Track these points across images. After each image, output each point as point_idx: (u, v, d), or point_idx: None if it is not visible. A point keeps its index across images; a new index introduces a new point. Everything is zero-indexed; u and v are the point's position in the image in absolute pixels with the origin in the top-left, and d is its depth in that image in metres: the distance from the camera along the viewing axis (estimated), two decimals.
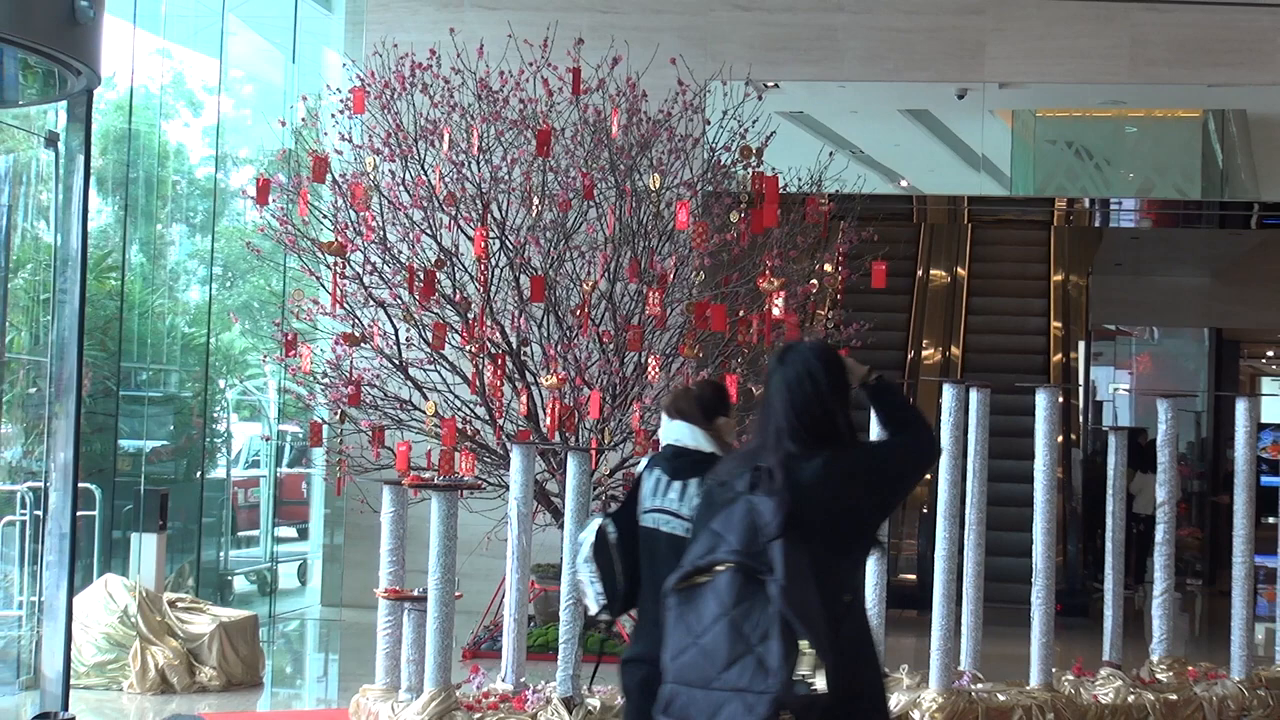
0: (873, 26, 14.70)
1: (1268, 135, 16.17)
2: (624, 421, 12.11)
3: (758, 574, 4.50)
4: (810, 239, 12.91)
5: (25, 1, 4.59)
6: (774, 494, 4.62)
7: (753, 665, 4.43)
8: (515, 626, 9.75)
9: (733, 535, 4.60)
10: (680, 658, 4.64)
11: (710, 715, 4.50)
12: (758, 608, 4.48)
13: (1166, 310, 23.65)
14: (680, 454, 6.47)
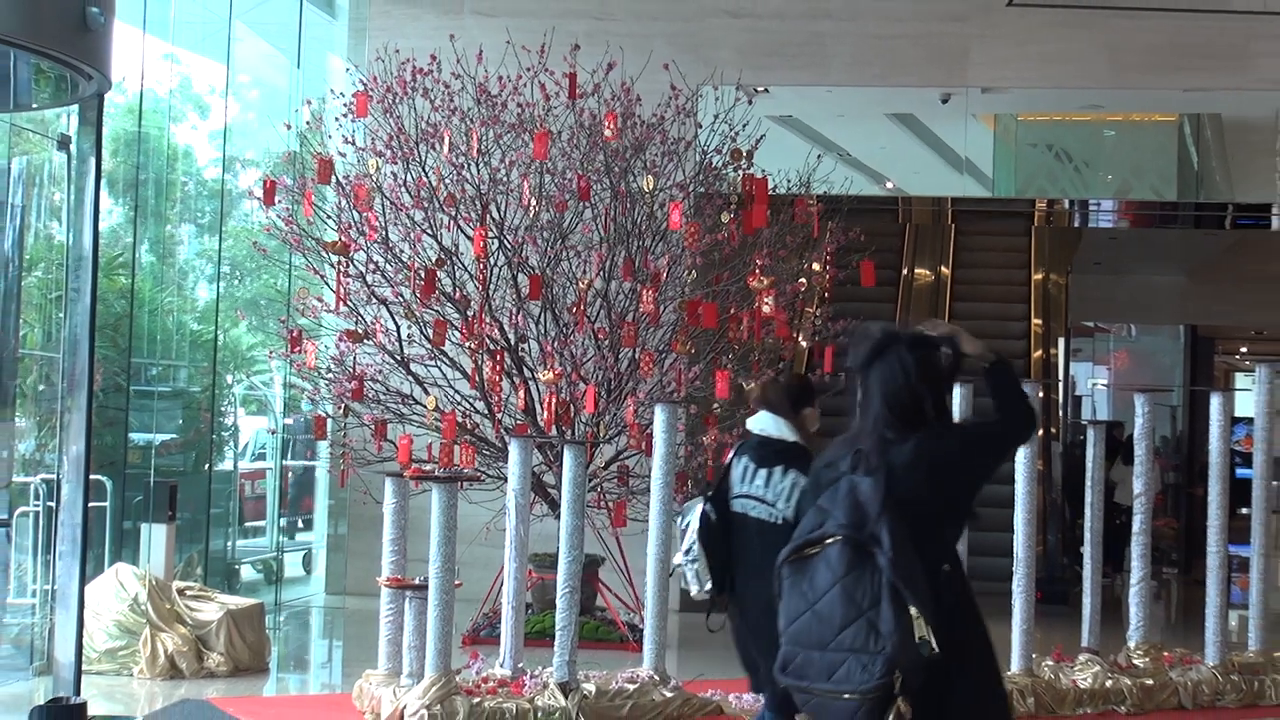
0: (859, 33, 14.70)
1: (1241, 138, 16.18)
2: (618, 415, 12.12)
3: (865, 546, 4.73)
4: (799, 239, 12.92)
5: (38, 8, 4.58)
6: (872, 473, 4.87)
7: (865, 629, 4.65)
8: (513, 614, 9.75)
9: (839, 511, 4.84)
10: (795, 623, 4.84)
11: (828, 675, 4.71)
12: (867, 576, 4.70)
13: (1143, 308, 23.66)
14: (765, 443, 6.86)
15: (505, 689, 9.31)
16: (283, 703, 10.51)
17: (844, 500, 4.88)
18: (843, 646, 4.71)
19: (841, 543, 4.78)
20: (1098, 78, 14.65)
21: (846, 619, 4.71)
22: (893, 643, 4.60)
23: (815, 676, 4.77)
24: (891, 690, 4.61)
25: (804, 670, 4.81)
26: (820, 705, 4.83)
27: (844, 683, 4.68)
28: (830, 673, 4.72)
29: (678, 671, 10.23)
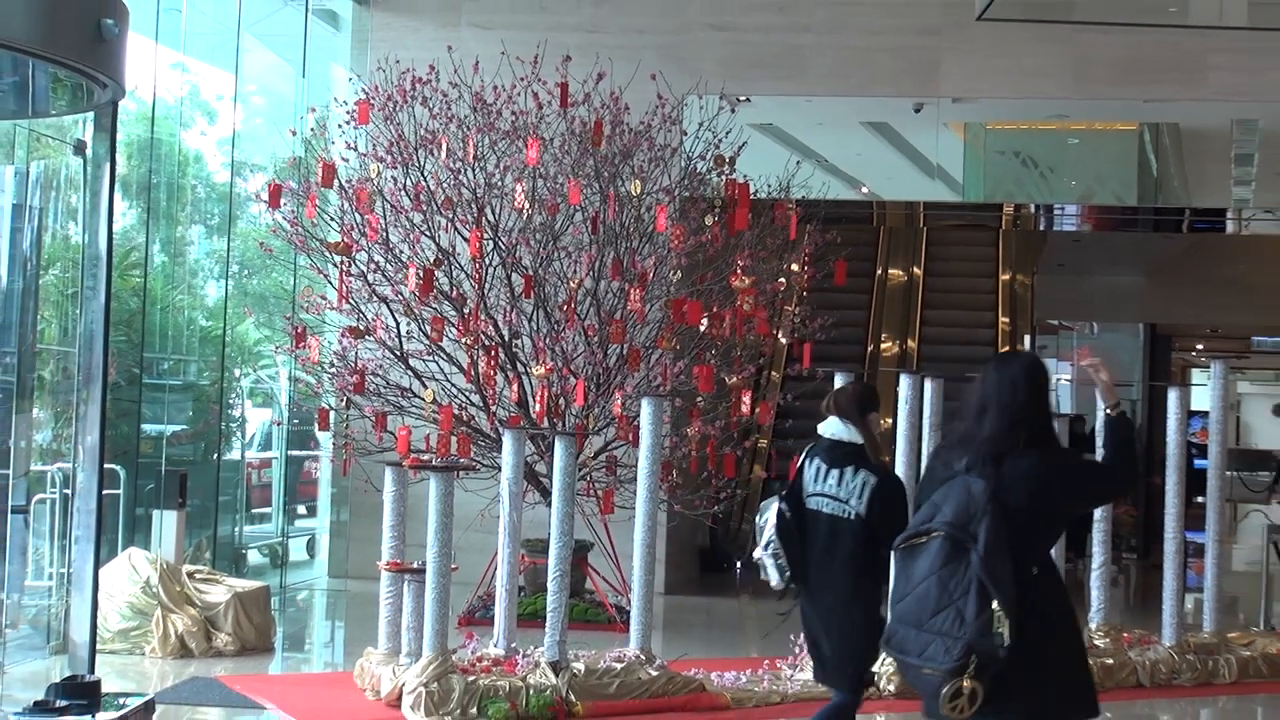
0: (837, 45, 14.71)
1: (1198, 146, 16.22)
2: (607, 408, 12.12)
3: (963, 544, 5.09)
4: (778, 241, 12.93)
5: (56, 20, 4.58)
6: (986, 477, 5.19)
7: (954, 615, 5.05)
8: (507, 596, 9.75)
9: (948, 507, 5.19)
10: (900, 602, 5.26)
11: (919, 652, 5.13)
12: (961, 570, 5.08)
13: (1105, 307, 23.71)
14: (836, 445, 7.13)
15: (499, 668, 9.32)
16: (287, 681, 10.51)
17: (955, 498, 5.22)
18: (933, 628, 5.09)
19: (943, 538, 5.15)
20: (1062, 89, 14.67)
21: (939, 605, 5.09)
22: (973, 631, 4.97)
23: (911, 651, 5.17)
24: (964, 670, 4.97)
25: (903, 645, 5.21)
26: (915, 676, 5.34)
27: (930, 660, 5.07)
28: (922, 650, 5.12)
29: (663, 651, 10.24)
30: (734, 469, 12.84)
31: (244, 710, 9.34)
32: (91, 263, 5.01)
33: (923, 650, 5.14)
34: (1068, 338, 25.51)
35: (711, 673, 10.05)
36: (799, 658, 10.57)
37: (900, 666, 5.57)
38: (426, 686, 8.89)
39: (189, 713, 9.27)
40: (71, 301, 10.80)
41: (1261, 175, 16.33)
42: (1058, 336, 25.16)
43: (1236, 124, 15.74)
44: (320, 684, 10.31)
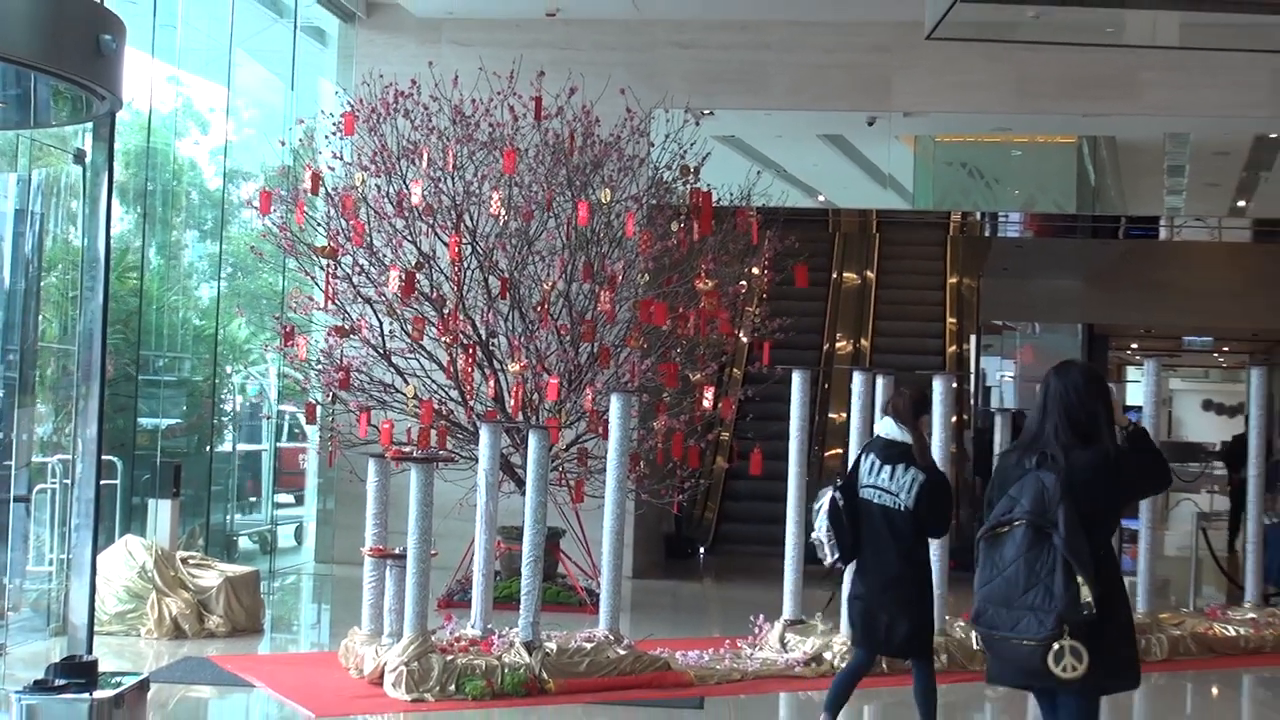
0: (796, 63, 14.75)
1: (1133, 158, 16.31)
2: (578, 403, 12.12)
3: (1044, 529, 5.51)
4: (740, 246, 12.95)
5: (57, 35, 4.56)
6: (1056, 471, 5.59)
7: (1043, 592, 5.49)
8: (483, 580, 9.76)
9: (1026, 499, 5.59)
10: (988, 585, 5.66)
11: (1011, 626, 5.56)
12: (1045, 552, 5.51)
13: (1046, 309, 23.82)
14: (891, 445, 7.60)
15: (475, 647, 9.32)
16: (276, 660, 10.48)
17: (1030, 490, 5.60)
18: (1024, 605, 5.53)
19: (1026, 525, 5.56)
20: (1006, 104, 14.74)
21: (1028, 584, 5.52)
22: (1062, 603, 5.41)
23: (1002, 626, 5.60)
24: (1057, 631, 5.44)
25: (993, 621, 5.64)
26: (1004, 647, 5.68)
27: (1023, 632, 5.51)
28: (1014, 624, 5.55)
29: (630, 632, 10.25)
30: (698, 460, 12.86)
31: (234, 688, 9.33)
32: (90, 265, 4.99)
33: (1014, 624, 5.56)
34: (1011, 337, 25.63)
35: (676, 652, 10.06)
36: (758, 638, 10.60)
37: (988, 641, 5.87)
38: (407, 665, 8.89)
39: (182, 691, 9.25)
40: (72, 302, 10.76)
41: (1192, 185, 16.43)
42: (1001, 336, 25.27)
43: (1169, 137, 15.83)
44: (307, 663, 10.28)
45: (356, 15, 14.96)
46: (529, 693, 8.99)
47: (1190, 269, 21.95)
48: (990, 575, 5.69)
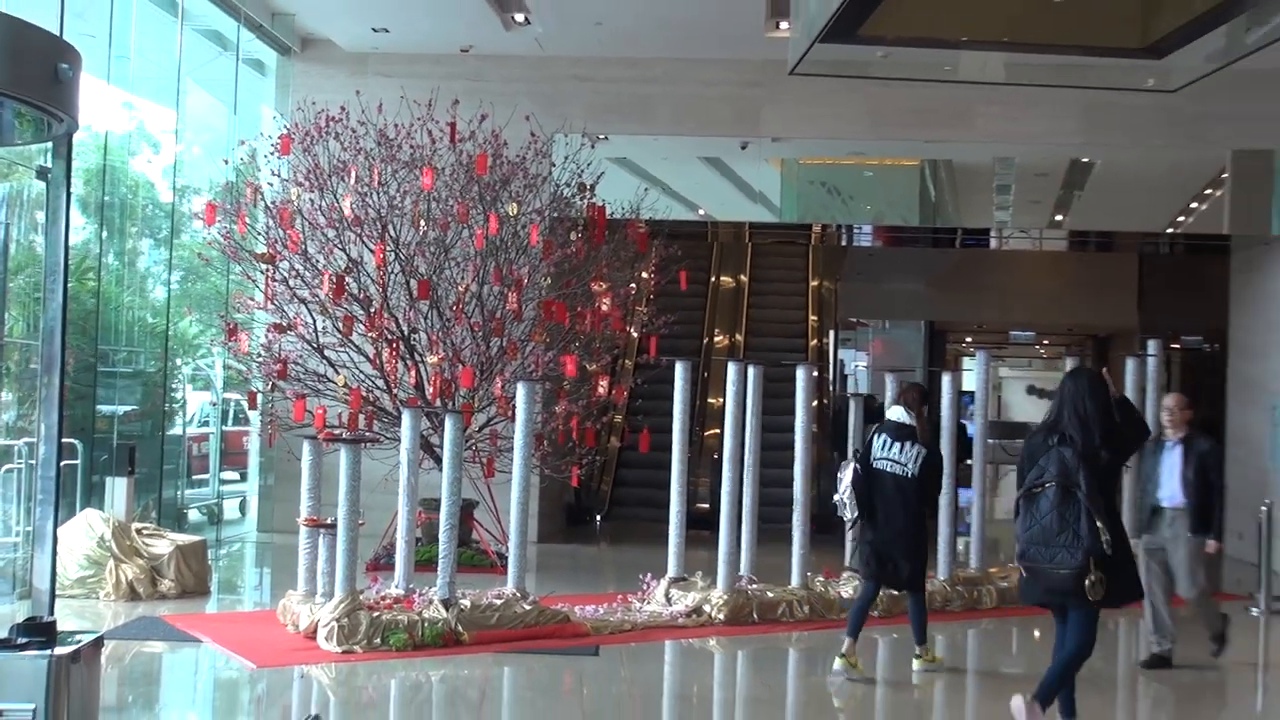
0: (679, 94, 14.81)
1: (967, 179, 16.51)
2: (489, 391, 12.10)
3: (1070, 489, 6.73)
4: (630, 253, 13.02)
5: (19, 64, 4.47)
6: (1073, 447, 6.84)
7: (1072, 534, 6.70)
8: (405, 546, 9.71)
9: (1052, 468, 6.82)
10: (1029, 531, 6.87)
11: (1049, 560, 6.76)
12: (1071, 505, 6.72)
13: (893, 307, 24.08)
14: (900, 426, 8.71)
15: (399, 605, 9.28)
16: (221, 618, 10.35)
17: (1055, 462, 6.83)
18: (1058, 544, 6.72)
19: (1055, 486, 6.77)
20: (859, 131, 14.91)
21: (1060, 529, 6.72)
22: (1088, 541, 6.62)
23: (1042, 561, 6.79)
24: (1088, 566, 6.62)
25: (1036, 557, 6.82)
26: (1044, 574, 6.83)
27: (1060, 564, 6.71)
28: (1051, 559, 6.76)
29: (535, 590, 10.25)
30: (594, 440, 12.92)
31: (184, 644, 9.19)
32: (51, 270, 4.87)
33: (1052, 559, 6.75)
34: (864, 333, 25.89)
35: (575, 606, 10.09)
36: (646, 593, 10.64)
37: (1031, 571, 6.93)
38: (338, 621, 8.83)
39: (137, 646, 9.10)
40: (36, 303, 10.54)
41: (1017, 202, 16.65)
42: (855, 332, 25.52)
43: (998, 161, 16.03)
44: (249, 621, 10.16)
45: (292, 49, 14.80)
46: (446, 644, 8.98)
47: (1015, 274, 22.33)
48: (1030, 524, 6.87)
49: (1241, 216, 15.21)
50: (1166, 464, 9.01)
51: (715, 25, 13.35)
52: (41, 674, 4.30)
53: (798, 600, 10.54)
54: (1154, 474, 9.09)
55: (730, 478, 10.79)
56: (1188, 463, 8.92)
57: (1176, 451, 9.01)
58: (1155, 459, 9.09)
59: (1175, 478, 8.95)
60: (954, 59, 11.10)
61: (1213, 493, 8.93)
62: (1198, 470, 8.89)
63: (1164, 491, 9.00)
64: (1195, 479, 8.89)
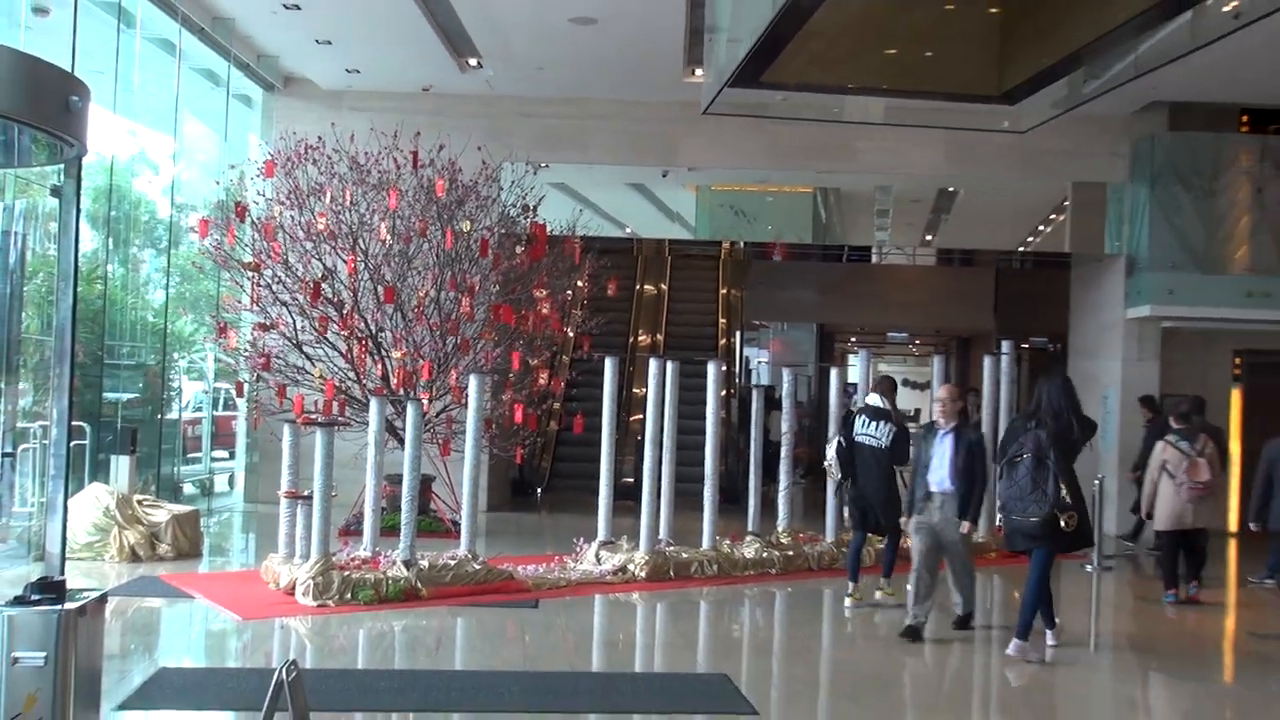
0: (610, 129, 14.81)
1: (851, 204, 16.68)
2: (445, 382, 12.04)
3: (1042, 460, 7.56)
4: (567, 265, 13.01)
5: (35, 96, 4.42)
6: (1046, 430, 7.71)
7: (1041, 493, 7.56)
8: (372, 515, 9.66)
9: (1029, 444, 7.66)
10: (1009, 490, 7.71)
11: (1023, 511, 7.62)
12: (1043, 473, 7.56)
13: (790, 312, 24.24)
14: (876, 410, 9.46)
15: (367, 565, 9.22)
16: (211, 577, 10.22)
17: (1032, 440, 7.67)
18: (1030, 500, 7.58)
19: (1031, 456, 7.61)
20: (762, 162, 15.00)
21: (1034, 489, 7.57)
22: (1054, 498, 7.51)
23: (1019, 513, 7.64)
24: (1056, 517, 7.49)
25: (1012, 509, 7.67)
26: (1020, 524, 7.67)
27: (1031, 515, 7.57)
28: (1024, 511, 7.61)
29: (484, 552, 10.23)
30: (535, 424, 12.91)
31: (179, 599, 9.07)
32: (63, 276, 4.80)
33: (1024, 511, 7.60)
34: (765, 333, 26.07)
35: (518, 566, 10.08)
36: (579, 554, 10.64)
37: (1009, 522, 7.79)
38: (314, 579, 8.76)
39: (138, 602, 8.97)
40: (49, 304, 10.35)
41: (894, 224, 16.84)
42: (759, 332, 25.70)
43: (878, 189, 16.21)
44: (236, 579, 10.04)
45: (276, 86, 14.62)
46: (407, 598, 8.94)
47: (892, 284, 22.58)
48: (1010, 485, 7.71)
49: (1080, 238, 15.48)
50: (938, 451, 8.36)
51: (641, 71, 13.39)
52: (52, 626, 4.24)
53: (708, 560, 10.60)
54: (927, 460, 8.42)
55: (651, 456, 10.83)
56: (957, 451, 8.28)
57: (948, 440, 8.35)
58: (928, 446, 8.45)
59: (946, 464, 8.31)
60: (841, 103, 11.23)
61: (975, 480, 8.29)
62: (966, 459, 8.27)
63: (934, 476, 8.35)
64: (964, 466, 8.27)
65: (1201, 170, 14.29)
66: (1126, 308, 14.77)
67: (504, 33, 12.46)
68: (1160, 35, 8.74)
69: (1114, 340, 15.01)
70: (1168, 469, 10.05)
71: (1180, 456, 10.02)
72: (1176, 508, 9.96)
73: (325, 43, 12.99)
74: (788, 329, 26.00)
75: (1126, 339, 14.83)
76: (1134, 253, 14.72)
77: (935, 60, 9.86)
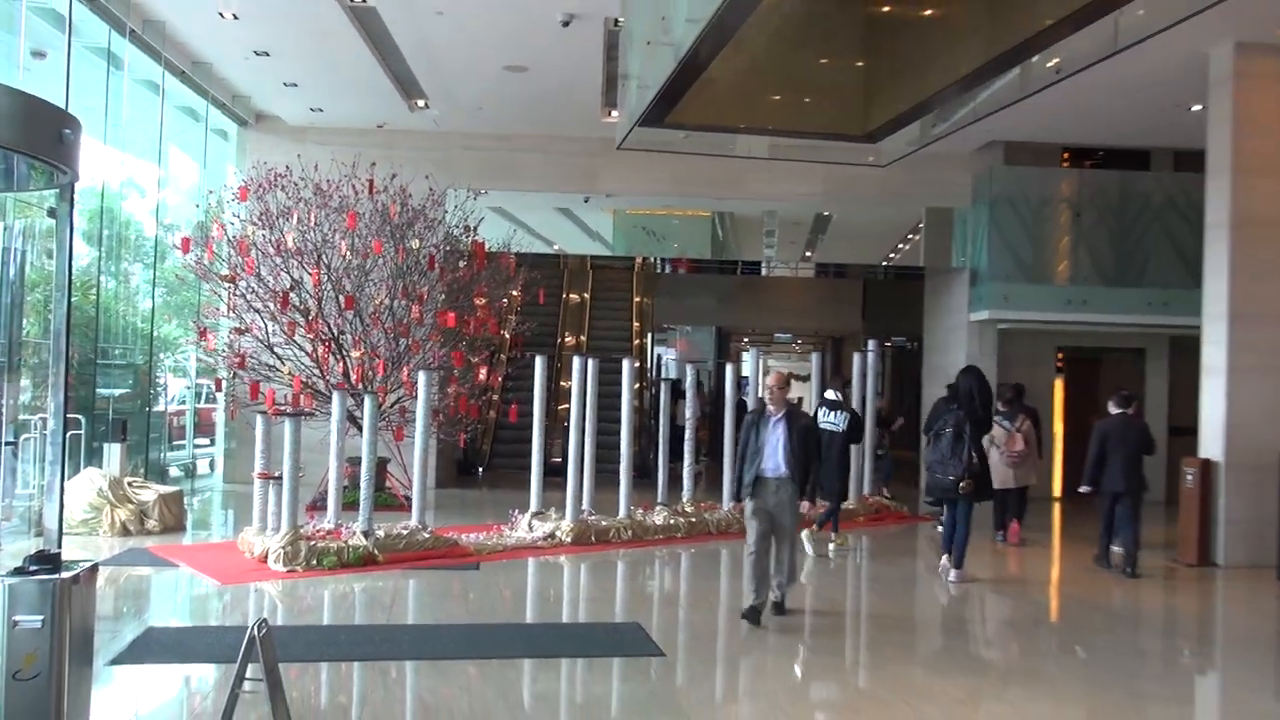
0: (540, 161, 14.75)
1: (743, 225, 16.79)
2: (398, 377, 11.92)
3: (960, 434, 8.53)
4: (503, 277, 12.95)
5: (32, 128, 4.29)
6: (964, 409, 8.90)
7: (957, 460, 8.56)
8: (335, 492, 9.52)
9: (950, 421, 8.65)
10: (935, 455, 8.69)
11: (943, 472, 8.65)
12: (960, 443, 8.55)
13: (693, 317, 24.38)
14: (834, 402, 10.27)
15: (330, 536, 9.09)
16: (194, 548, 9.99)
17: (953, 418, 8.67)
18: (949, 463, 8.58)
19: (951, 431, 8.59)
20: (669, 190, 15.05)
21: (953, 455, 8.58)
22: (966, 464, 8.54)
23: (940, 472, 8.63)
24: (964, 476, 8.54)
25: (936, 470, 8.66)
26: (942, 482, 8.64)
27: (949, 474, 8.59)
28: (944, 471, 8.62)
29: (433, 523, 10.15)
30: (476, 413, 12.85)
31: (165, 568, 8.86)
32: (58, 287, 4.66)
33: (944, 471, 8.60)
34: (672, 334, 26.17)
35: (462, 534, 10.02)
36: (514, 523, 10.60)
37: (932, 479, 8.74)
38: (284, 548, 8.63)
39: (128, 570, 8.74)
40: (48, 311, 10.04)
41: (780, 243, 16.99)
42: (667, 334, 25.80)
43: (765, 213, 16.35)
44: (216, 550, 9.83)
45: (249, 122, 14.33)
46: (366, 563, 8.84)
47: (777, 293, 22.81)
48: (935, 452, 8.67)
49: (932, 254, 15.78)
50: (771, 438, 7.38)
51: (565, 112, 13.36)
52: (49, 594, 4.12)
53: (623, 527, 10.63)
54: (759, 446, 7.40)
55: (575, 439, 10.83)
56: (790, 436, 7.34)
57: (780, 427, 7.38)
58: (760, 433, 7.43)
59: (780, 450, 7.33)
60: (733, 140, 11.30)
61: (811, 461, 7.45)
62: (800, 443, 7.37)
63: (769, 463, 7.33)
64: (798, 450, 7.35)
65: (1030, 198, 14.65)
66: (970, 312, 15.09)
67: (447, 78, 12.36)
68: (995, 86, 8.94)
69: (960, 339, 15.33)
70: (995, 442, 10.68)
71: (1003, 432, 10.75)
72: (1000, 472, 10.61)
73: (292, 85, 12.77)
74: (691, 330, 26.15)
75: (970, 338, 15.15)
76: (976, 266, 15.04)
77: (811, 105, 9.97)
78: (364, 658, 6.29)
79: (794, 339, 29.55)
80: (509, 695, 5.67)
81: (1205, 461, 10.24)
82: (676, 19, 8.10)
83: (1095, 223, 14.51)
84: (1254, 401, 10.14)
